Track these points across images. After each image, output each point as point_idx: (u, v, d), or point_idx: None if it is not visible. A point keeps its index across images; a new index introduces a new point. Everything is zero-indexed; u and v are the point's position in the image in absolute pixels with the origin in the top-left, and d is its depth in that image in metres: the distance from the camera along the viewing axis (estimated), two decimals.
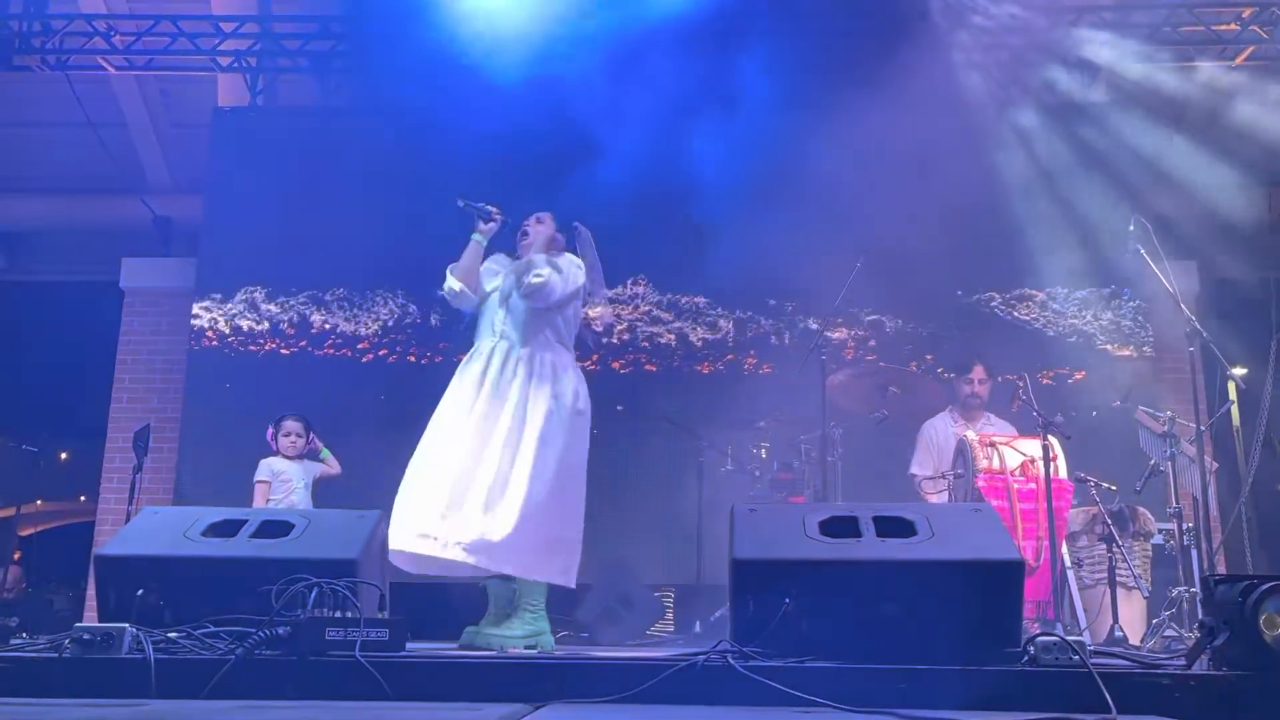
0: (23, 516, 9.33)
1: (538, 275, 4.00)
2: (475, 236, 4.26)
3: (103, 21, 7.81)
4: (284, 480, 5.73)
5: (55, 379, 10.25)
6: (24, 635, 3.74)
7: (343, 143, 7.68)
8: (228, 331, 7.51)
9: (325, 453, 5.94)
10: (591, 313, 4.45)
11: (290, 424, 5.82)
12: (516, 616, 3.89)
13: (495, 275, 4.30)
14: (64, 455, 12.00)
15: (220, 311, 7.56)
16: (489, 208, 4.28)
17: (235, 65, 7.94)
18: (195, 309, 7.58)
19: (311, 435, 5.88)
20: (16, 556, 10.13)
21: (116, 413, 8.14)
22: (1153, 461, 5.02)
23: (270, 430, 5.83)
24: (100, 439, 8.11)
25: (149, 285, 8.35)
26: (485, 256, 4.31)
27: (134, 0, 8.10)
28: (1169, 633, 4.45)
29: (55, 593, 9.77)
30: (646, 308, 7.36)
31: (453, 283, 4.25)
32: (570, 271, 4.11)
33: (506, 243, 4.40)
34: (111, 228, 8.92)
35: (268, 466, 5.74)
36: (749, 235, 7.28)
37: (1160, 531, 5.23)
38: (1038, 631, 2.55)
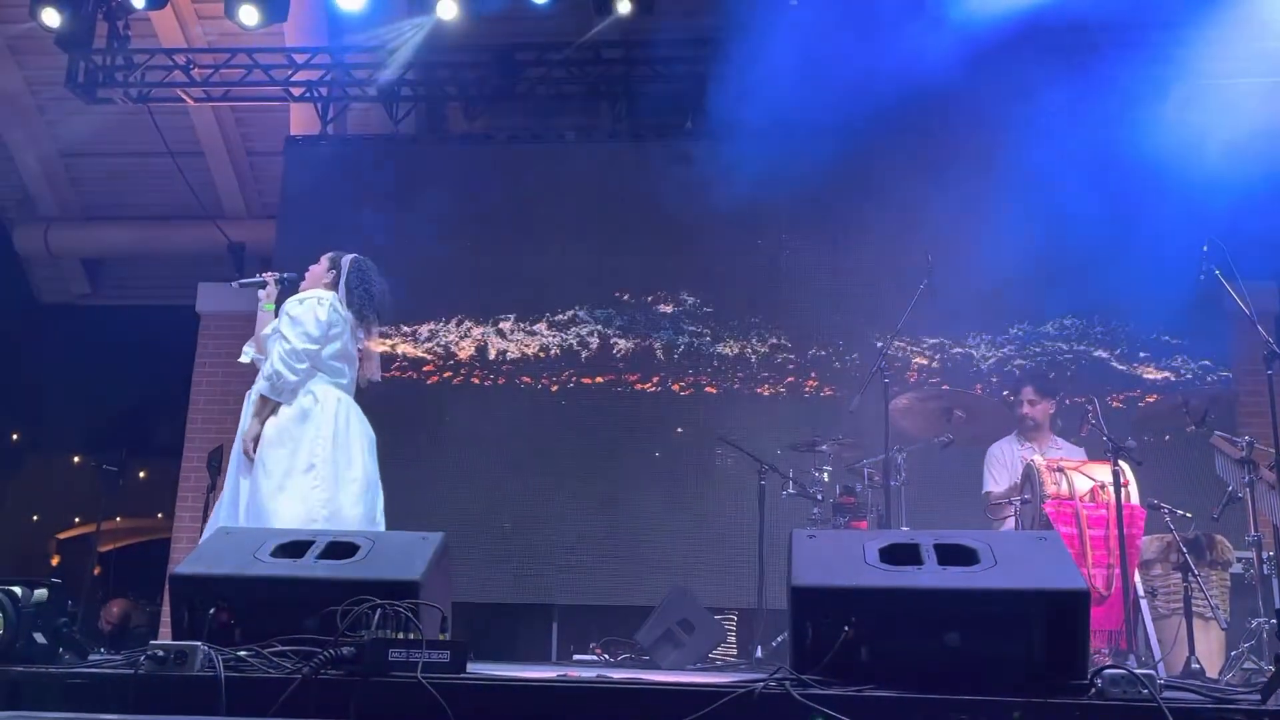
0: (102, 533, 9.62)
1: (262, 382, 4.11)
2: (260, 306, 4.38)
3: (182, 55, 8.10)
4: None
5: (135, 400, 10.57)
6: (101, 650, 3.86)
7: (409, 170, 7.85)
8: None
9: None
10: (370, 344, 4.49)
11: None
12: None
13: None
14: (142, 474, 12.35)
15: None
16: (260, 277, 4.43)
17: (307, 95, 8.17)
18: None
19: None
20: (96, 572, 10.43)
21: (192, 433, 8.38)
22: (1230, 488, 4.88)
23: None
24: (177, 459, 8.34)
25: (224, 309, 8.60)
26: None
27: (212, 34, 8.39)
28: (1248, 665, 4.31)
29: (132, 608, 10.03)
30: (706, 330, 7.37)
31: (244, 354, 4.37)
32: (304, 315, 4.16)
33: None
34: (189, 253, 9.23)
35: None
36: (812, 256, 7.27)
37: (1239, 560, 5.06)
38: (1105, 663, 2.49)
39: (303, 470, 4.02)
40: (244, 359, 4.42)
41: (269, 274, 4.47)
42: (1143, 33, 6.96)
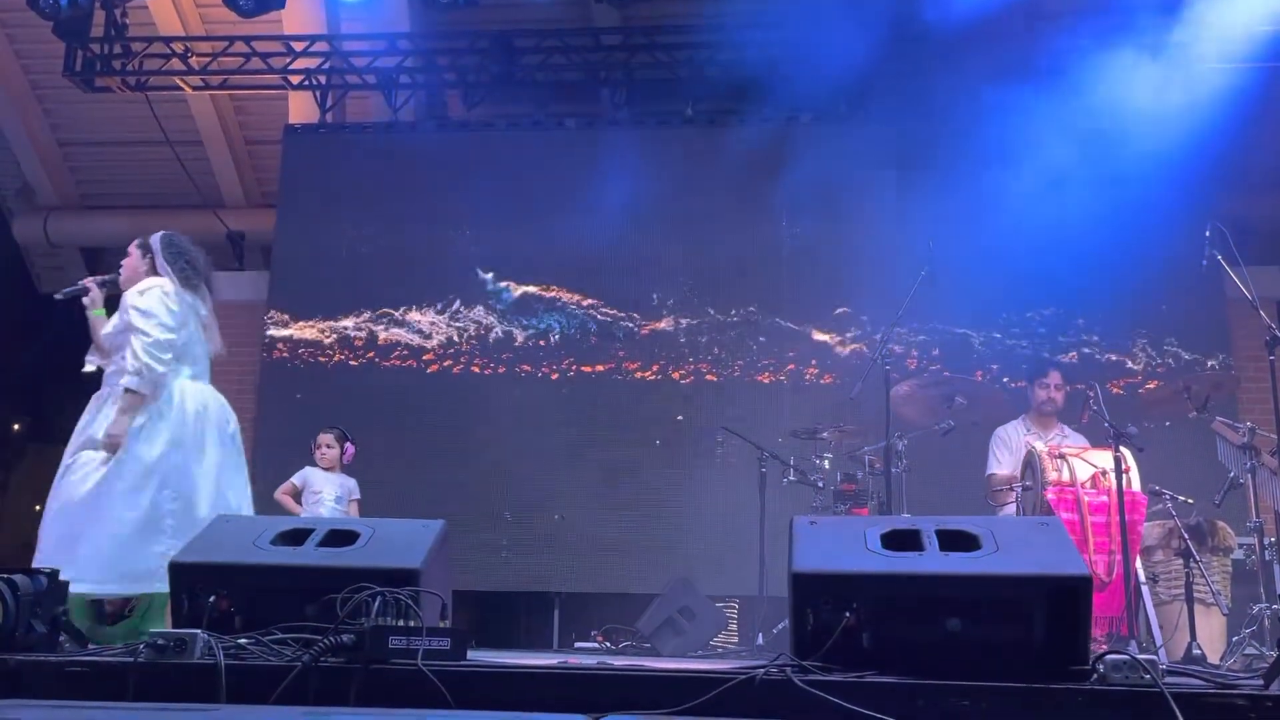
0: None
1: (130, 377, 3.98)
2: (90, 313, 4.31)
3: (180, 43, 8.07)
4: (314, 491, 5.81)
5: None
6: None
7: (408, 157, 7.84)
8: (298, 343, 7.68)
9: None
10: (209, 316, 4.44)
11: (322, 436, 5.94)
12: None
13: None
14: None
15: (291, 324, 7.74)
16: (80, 284, 4.35)
17: (306, 83, 8.14)
18: (267, 321, 7.77)
19: (347, 446, 5.96)
20: None
21: None
22: (1232, 474, 4.87)
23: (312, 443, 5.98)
24: None
25: (223, 298, 8.43)
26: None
27: (210, 22, 8.36)
28: (1249, 651, 4.31)
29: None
30: (706, 317, 7.36)
31: (88, 365, 4.27)
32: (154, 306, 4.08)
33: None
34: None
35: (302, 474, 5.86)
36: (813, 243, 7.26)
37: (1240, 546, 5.06)
38: (1107, 649, 2.48)
39: (149, 469, 3.95)
40: (89, 368, 4.30)
41: (88, 280, 4.39)
42: (1144, 17, 6.92)
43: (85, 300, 4.35)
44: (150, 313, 4.08)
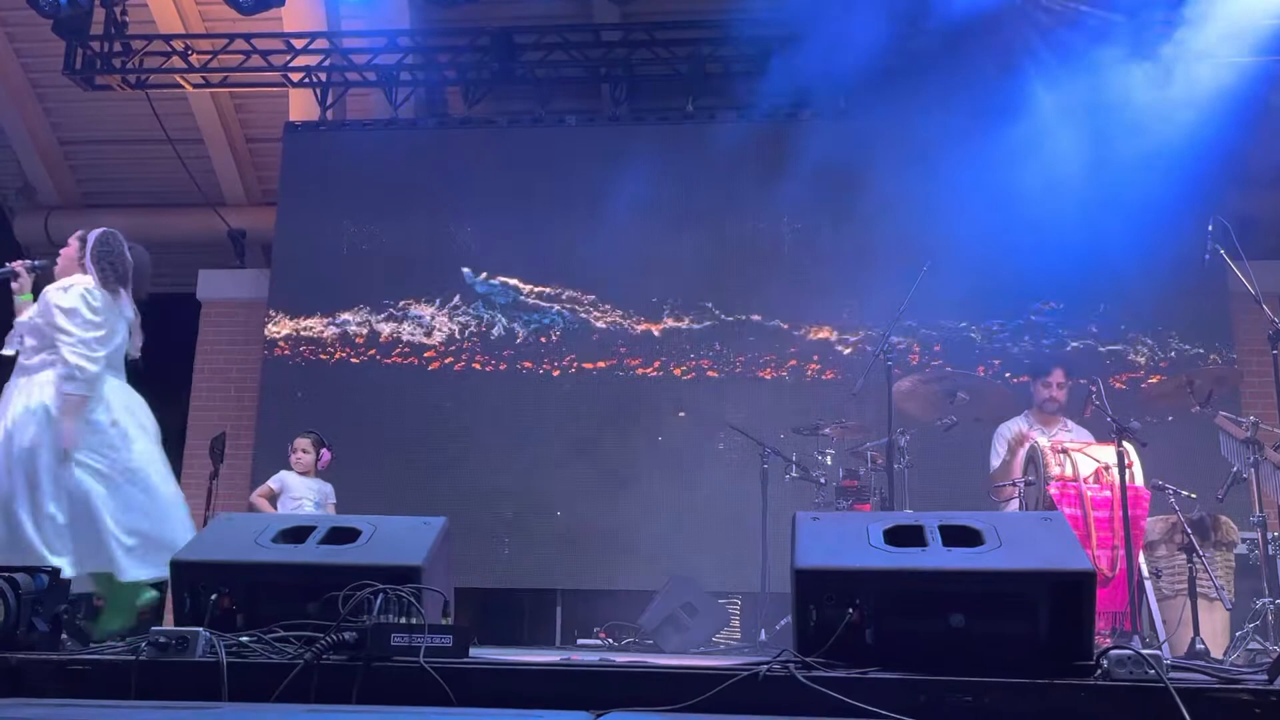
0: None
1: (66, 383, 3.94)
2: (17, 297, 4.28)
3: (180, 41, 8.06)
4: (294, 496, 5.79)
5: (135, 388, 10.55)
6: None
7: (409, 154, 7.83)
8: (299, 341, 7.68)
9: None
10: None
11: (298, 440, 5.92)
12: None
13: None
14: None
15: (292, 321, 7.74)
16: (9, 267, 4.30)
17: (306, 80, 8.13)
18: (268, 319, 7.77)
19: (323, 452, 5.93)
20: None
21: (194, 420, 8.37)
22: (1235, 469, 4.87)
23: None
24: (179, 445, 8.33)
25: (224, 296, 8.59)
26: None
27: (210, 20, 8.35)
28: (1253, 645, 4.31)
29: None
30: (707, 313, 7.36)
31: (6, 348, 4.22)
32: (76, 304, 4.04)
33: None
34: (189, 241, 9.19)
35: (279, 477, 5.84)
36: (814, 239, 7.25)
37: (1243, 541, 5.06)
38: (1111, 644, 2.48)
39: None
40: (7, 351, 4.23)
41: (18, 263, 4.33)
42: (1147, 12, 6.90)
43: (14, 285, 4.32)
44: (74, 311, 4.05)
